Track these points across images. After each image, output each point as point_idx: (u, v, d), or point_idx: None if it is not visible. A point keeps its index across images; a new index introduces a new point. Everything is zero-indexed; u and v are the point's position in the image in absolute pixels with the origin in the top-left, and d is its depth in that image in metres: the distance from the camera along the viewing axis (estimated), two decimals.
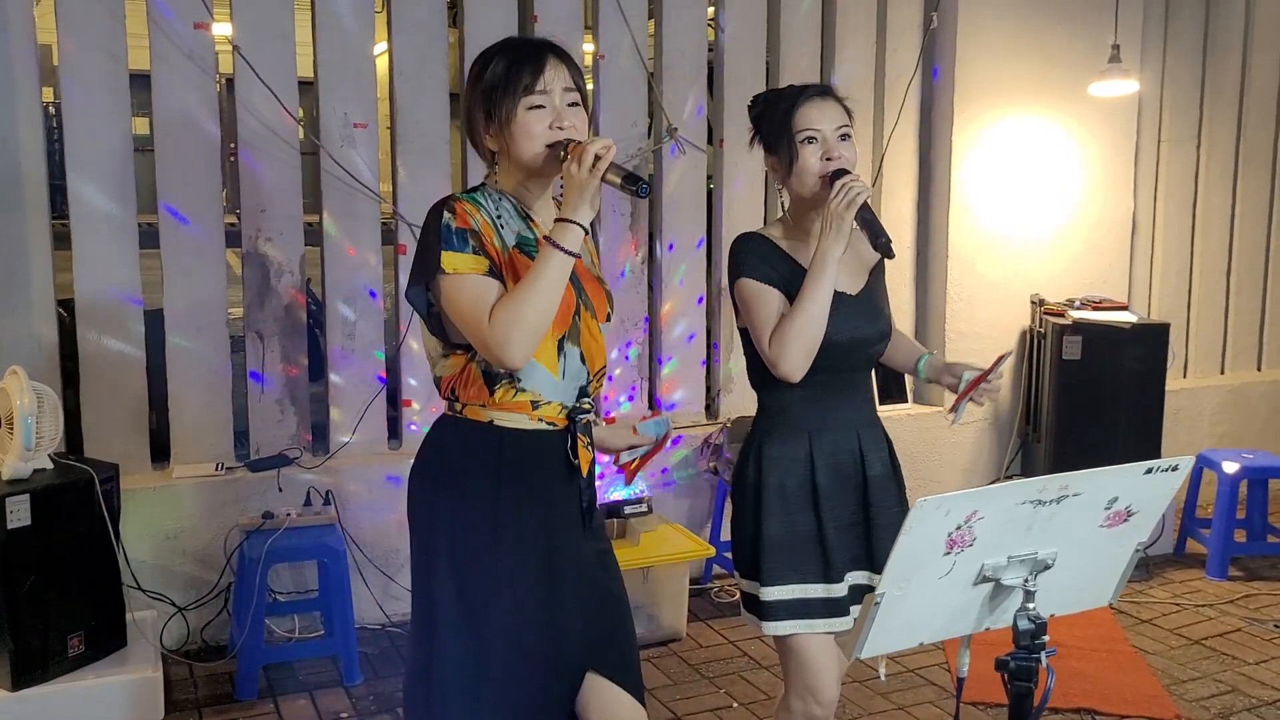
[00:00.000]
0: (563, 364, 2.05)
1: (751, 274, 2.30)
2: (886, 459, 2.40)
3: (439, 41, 4.07)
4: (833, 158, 2.25)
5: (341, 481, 3.95)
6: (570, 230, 1.94)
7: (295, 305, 3.99)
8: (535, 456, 2.06)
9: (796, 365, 2.22)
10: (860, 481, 2.34)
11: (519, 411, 2.05)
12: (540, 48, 2.06)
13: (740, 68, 4.59)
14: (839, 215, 2.17)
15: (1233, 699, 3.64)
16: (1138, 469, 1.57)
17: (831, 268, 2.20)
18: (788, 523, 2.31)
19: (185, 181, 3.79)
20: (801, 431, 2.33)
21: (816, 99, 2.29)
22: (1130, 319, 4.83)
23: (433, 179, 4.11)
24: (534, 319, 1.93)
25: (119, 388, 3.78)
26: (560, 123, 2.01)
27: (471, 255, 1.98)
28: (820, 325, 2.22)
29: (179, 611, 3.77)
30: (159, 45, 3.70)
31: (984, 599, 1.59)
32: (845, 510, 2.33)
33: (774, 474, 2.32)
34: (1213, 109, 5.71)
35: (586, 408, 2.10)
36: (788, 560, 2.30)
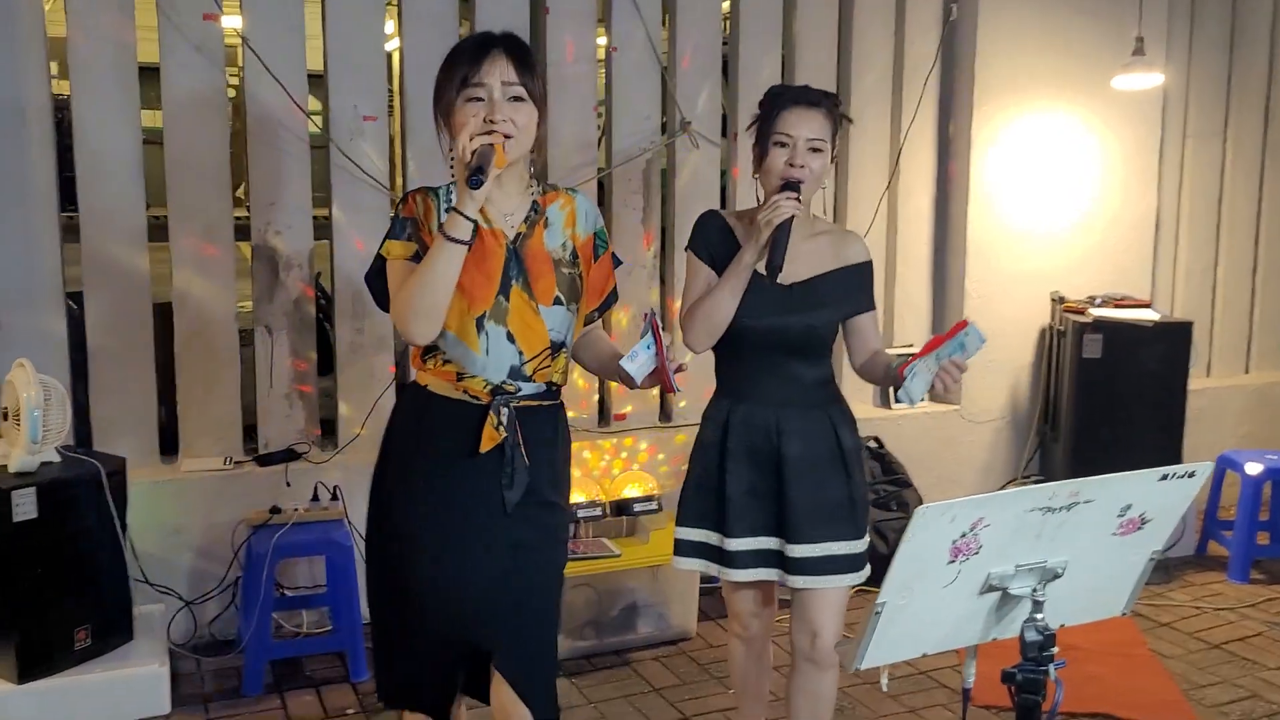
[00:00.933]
0: (484, 342, 2.18)
1: (692, 247, 2.57)
2: (820, 443, 2.53)
3: (450, 34, 4.03)
4: (795, 164, 2.40)
5: (350, 476, 3.92)
6: (455, 219, 2.05)
7: (304, 299, 3.97)
8: (452, 423, 2.21)
9: (696, 341, 2.47)
10: (773, 456, 2.52)
11: (446, 380, 2.23)
12: (488, 43, 2.15)
13: (755, 60, 4.53)
14: (759, 228, 2.37)
15: (1252, 705, 3.57)
16: (1152, 475, 1.51)
17: (742, 270, 2.41)
18: (701, 474, 2.58)
19: (194, 174, 3.77)
20: (725, 397, 2.59)
21: (802, 107, 2.43)
22: (1153, 317, 4.75)
23: (443, 172, 4.04)
24: (424, 299, 2.07)
25: (128, 381, 3.77)
26: (493, 115, 2.09)
27: (404, 242, 2.18)
28: (721, 313, 2.42)
29: (186, 605, 3.76)
30: (168, 37, 3.68)
31: (990, 608, 1.54)
32: (756, 478, 2.53)
33: (702, 430, 2.61)
34: (1239, 103, 5.61)
35: (511, 389, 2.21)
36: (695, 507, 2.59)
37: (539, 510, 2.27)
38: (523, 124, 2.13)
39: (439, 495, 2.22)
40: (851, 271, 2.57)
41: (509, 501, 2.21)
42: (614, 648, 3.84)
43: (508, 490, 2.21)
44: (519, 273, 2.21)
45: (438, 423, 2.23)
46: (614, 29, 4.28)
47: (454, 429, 2.21)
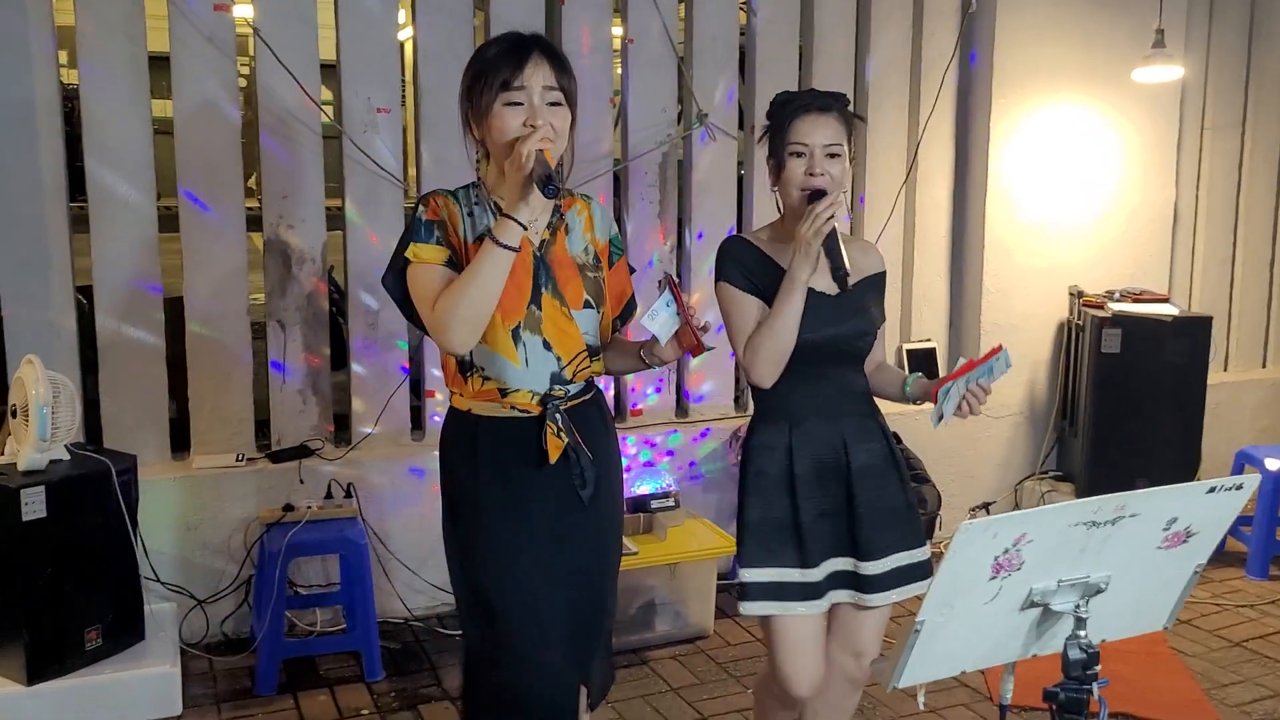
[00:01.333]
0: (523, 352, 2.15)
1: (729, 278, 2.41)
2: (877, 450, 2.45)
3: (464, 25, 3.98)
4: (815, 173, 2.31)
5: (364, 473, 3.89)
6: (508, 226, 2.02)
7: (317, 293, 3.92)
8: (508, 444, 2.17)
9: (765, 374, 2.33)
10: (843, 471, 2.41)
11: (490, 400, 2.18)
12: (527, 44, 2.12)
13: (773, 52, 4.47)
14: (807, 242, 2.25)
15: (1275, 704, 3.53)
16: (1200, 488, 1.47)
17: (799, 288, 2.29)
18: (765, 508, 2.41)
19: (206, 167, 3.72)
20: (781, 422, 2.43)
21: (814, 113, 2.34)
22: (1172, 312, 4.70)
23: (457, 164, 3.99)
24: (470, 308, 2.02)
25: (138, 377, 3.72)
26: (534, 121, 2.06)
27: (434, 246, 2.12)
28: (787, 340, 2.30)
29: (198, 605, 3.72)
30: (179, 28, 3.63)
31: (1031, 624, 1.49)
32: (825, 499, 2.40)
33: (755, 462, 2.44)
34: (1257, 95, 5.55)
35: (560, 394, 2.19)
36: (764, 544, 2.41)
37: (613, 504, 2.31)
38: (560, 128, 2.11)
39: (515, 517, 2.17)
40: (874, 280, 2.52)
41: (586, 497, 2.21)
42: (631, 646, 3.79)
43: (583, 489, 2.20)
44: (548, 279, 2.19)
45: (493, 446, 2.18)
46: (630, 20, 4.22)
47: (512, 447, 2.17)
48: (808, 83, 4.57)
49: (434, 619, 4.00)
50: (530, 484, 2.18)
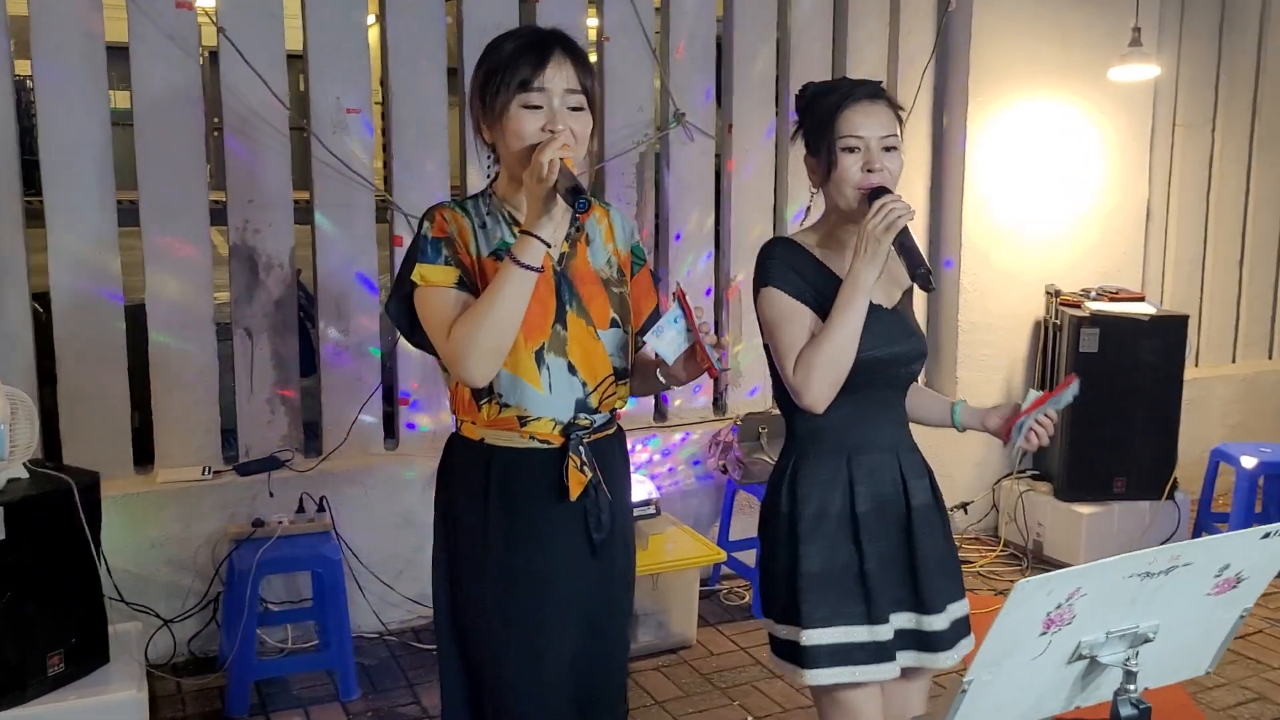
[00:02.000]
0: (546, 377, 1.96)
1: (779, 283, 2.12)
2: (929, 488, 2.20)
3: (436, 22, 3.86)
4: (874, 169, 2.06)
5: (336, 484, 3.77)
6: (530, 244, 1.85)
7: (286, 300, 3.79)
8: (524, 478, 1.99)
9: (821, 396, 2.04)
10: (903, 511, 2.13)
11: (508, 429, 1.99)
12: (548, 40, 1.93)
13: (750, 49, 4.40)
14: (875, 239, 1.99)
15: (1260, 707, 3.52)
16: (1254, 534, 1.41)
17: (864, 294, 2.02)
18: (829, 555, 2.10)
19: (167, 170, 3.58)
20: (840, 453, 2.12)
21: (865, 102, 2.07)
22: (1149, 310, 4.68)
23: (430, 166, 3.91)
24: (490, 336, 1.86)
25: (99, 388, 3.58)
26: (554, 125, 1.89)
27: (443, 266, 1.93)
28: (849, 354, 2.03)
29: (164, 624, 3.59)
30: (138, 25, 3.48)
31: (1076, 677, 1.43)
32: (887, 542, 2.12)
33: (812, 501, 2.11)
34: (1228, 93, 5.56)
35: (585, 424, 2.00)
36: (830, 599, 2.08)
37: (622, 549, 2.12)
38: (581, 134, 1.93)
39: (530, 554, 2.00)
40: (910, 293, 2.27)
41: (597, 543, 2.03)
42: None
43: (597, 533, 2.02)
44: (571, 296, 2.00)
45: (508, 480, 1.98)
46: (606, 16, 4.13)
47: (528, 483, 1.98)
48: (784, 81, 4.51)
49: (410, 633, 3.90)
50: (543, 523, 1.99)
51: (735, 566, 4.28)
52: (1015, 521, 4.85)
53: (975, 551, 4.81)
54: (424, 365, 3.96)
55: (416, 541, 3.92)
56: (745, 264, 4.50)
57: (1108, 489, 4.66)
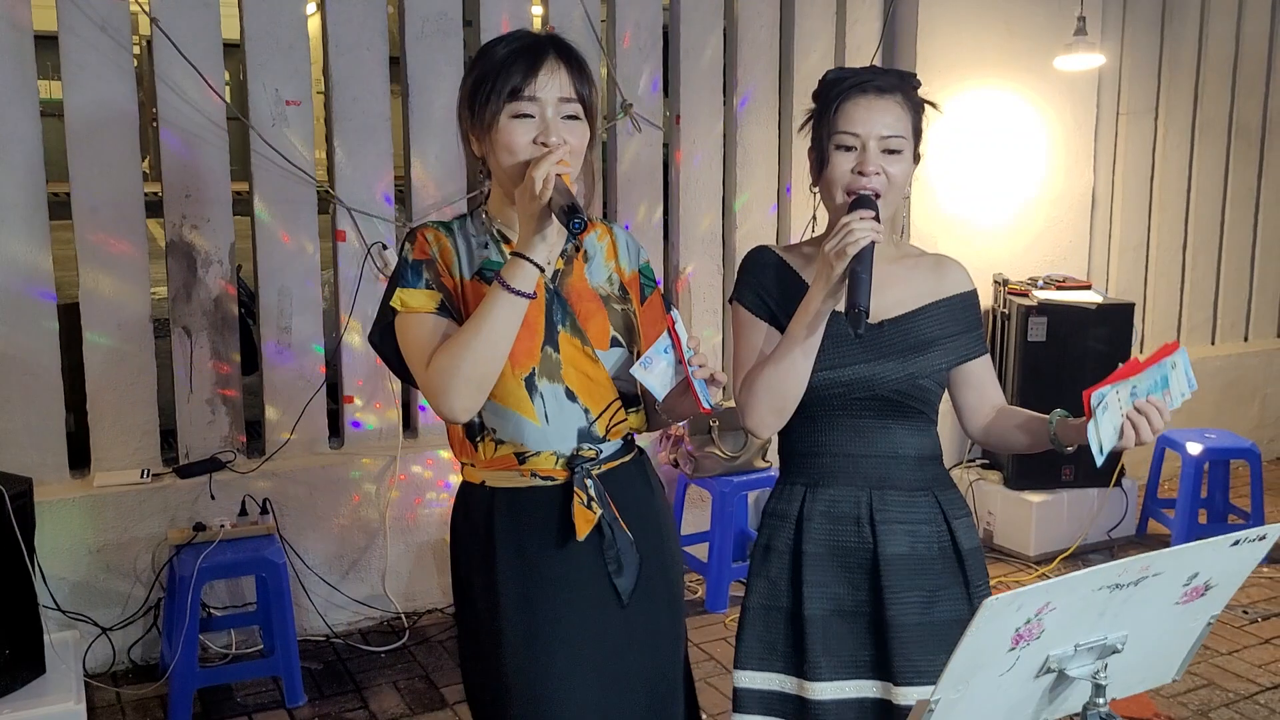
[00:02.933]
0: (540, 406, 1.79)
1: (738, 296, 1.96)
2: (926, 535, 1.90)
3: (377, 10, 3.78)
4: (866, 173, 1.84)
5: (280, 485, 3.69)
6: (521, 267, 1.68)
7: (225, 297, 3.69)
8: (528, 520, 1.81)
9: (760, 421, 1.84)
10: (867, 558, 1.88)
11: (505, 468, 1.82)
12: (542, 45, 1.78)
13: (698, 39, 4.35)
14: (828, 262, 1.76)
15: (1209, 694, 3.56)
16: (1224, 542, 1.39)
17: (809, 319, 1.79)
18: (767, 594, 1.93)
19: (101, 167, 3.47)
20: (795, 482, 1.94)
21: (869, 95, 1.86)
22: (1095, 299, 4.72)
23: (372, 159, 3.83)
24: (475, 367, 1.69)
25: (31, 390, 3.46)
26: (547, 137, 1.73)
27: (424, 291, 1.78)
28: (791, 381, 1.81)
29: (103, 633, 3.49)
30: (67, 15, 3.36)
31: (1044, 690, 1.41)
32: (843, 591, 1.89)
33: (763, 533, 1.97)
34: (1170, 80, 5.61)
35: (590, 454, 1.82)
36: (764, 640, 1.93)
37: (655, 598, 1.89)
38: (577, 146, 1.77)
39: (543, 607, 1.80)
40: (955, 304, 1.96)
41: (623, 590, 1.82)
42: None
43: (618, 578, 1.82)
44: (564, 316, 1.82)
45: (512, 524, 1.80)
46: (551, 5, 4.06)
47: (532, 524, 1.80)
48: (732, 71, 4.47)
49: (357, 635, 3.83)
50: (556, 570, 1.80)
51: (687, 561, 4.25)
52: (971, 511, 4.85)
53: None
54: (369, 363, 3.89)
55: (363, 542, 3.85)
56: (694, 256, 4.47)
57: (1056, 477, 4.69)
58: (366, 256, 3.81)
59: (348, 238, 3.81)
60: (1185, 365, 1.75)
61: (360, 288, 3.81)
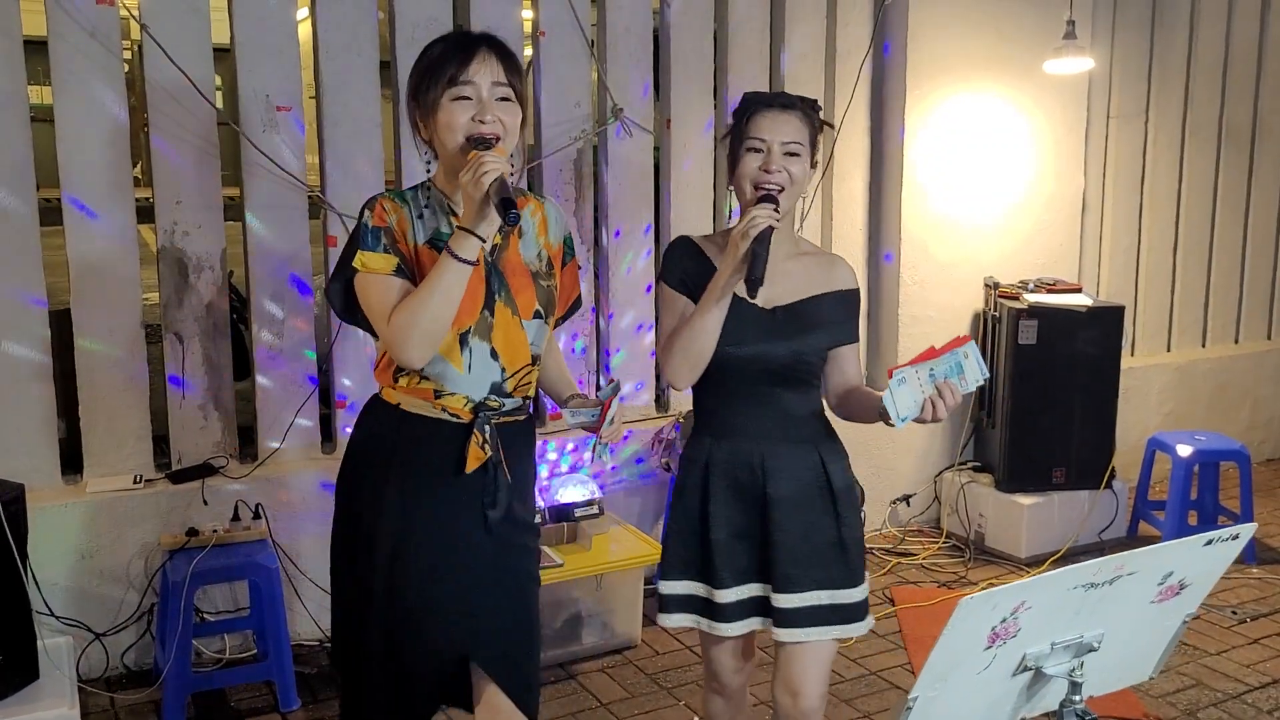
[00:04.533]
0: (467, 358, 2.10)
1: (665, 278, 2.38)
2: (807, 479, 2.35)
3: (368, 16, 3.79)
4: (770, 170, 2.23)
5: (272, 490, 3.70)
6: (467, 240, 1.97)
7: (217, 302, 3.70)
8: (430, 444, 2.12)
9: (678, 377, 2.27)
10: (759, 496, 2.33)
11: (422, 398, 2.13)
12: (475, 39, 2.07)
13: (688, 44, 4.37)
14: (735, 243, 2.16)
15: (1198, 694, 3.58)
16: (1198, 541, 1.41)
17: (718, 291, 2.20)
18: (683, 520, 2.39)
19: (91, 172, 3.47)
20: (705, 435, 2.39)
21: (775, 110, 2.27)
22: (1086, 302, 4.73)
23: (363, 162, 3.84)
24: (428, 323, 1.99)
25: (23, 396, 3.47)
26: (483, 116, 2.02)
27: (382, 254, 2.05)
28: (702, 343, 2.22)
29: (96, 638, 3.49)
30: (56, 21, 3.37)
31: (1022, 688, 1.43)
32: (740, 520, 2.35)
33: (680, 473, 2.42)
34: (1160, 84, 5.63)
35: (494, 405, 2.14)
36: (680, 557, 2.39)
37: (517, 527, 2.23)
38: (510, 125, 2.06)
39: (423, 517, 2.12)
40: (840, 297, 2.40)
41: (492, 520, 2.15)
42: (558, 660, 3.68)
43: (491, 510, 2.14)
44: (500, 286, 2.13)
45: (414, 442, 2.13)
46: (542, 11, 4.07)
47: (432, 448, 2.12)
48: (723, 75, 4.49)
49: None
50: (440, 492, 2.13)
51: None
52: (957, 513, 4.88)
53: (918, 543, 4.84)
54: (361, 367, 3.89)
55: None
56: None
57: (1047, 479, 4.71)
58: None
59: (339, 242, 3.82)
60: (976, 356, 2.09)
61: None
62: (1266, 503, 5.37)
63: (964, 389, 2.10)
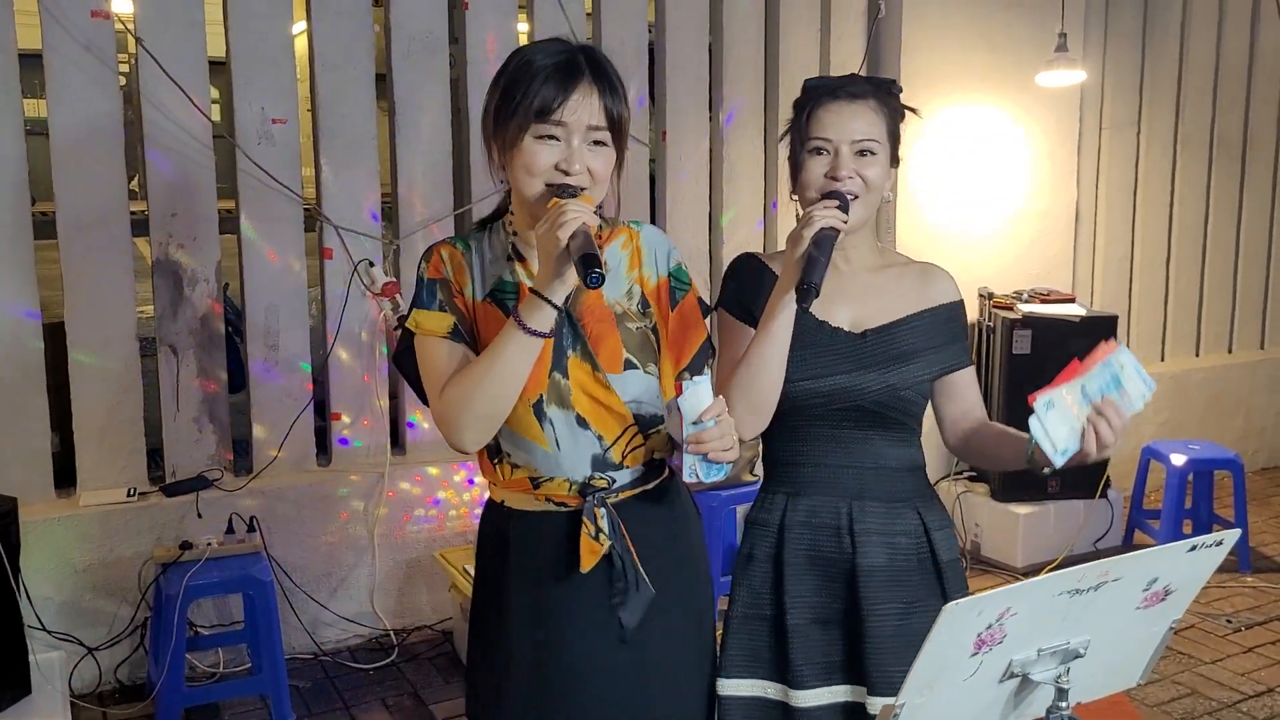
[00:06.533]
0: (550, 432, 1.73)
1: (722, 303, 1.98)
2: (904, 547, 1.91)
3: (364, 29, 3.79)
4: (839, 177, 1.83)
5: (267, 503, 3.69)
6: (540, 308, 1.62)
7: (212, 315, 3.70)
8: (539, 541, 1.78)
9: (741, 424, 1.77)
10: (847, 569, 1.89)
11: (522, 491, 1.79)
12: (578, 67, 1.69)
13: (682, 57, 4.38)
14: (792, 244, 1.76)
15: (1193, 702, 3.57)
16: (1182, 547, 1.41)
17: (779, 308, 1.79)
18: (750, 601, 1.93)
19: (86, 185, 3.47)
20: (777, 491, 1.95)
21: (841, 101, 1.86)
22: (1079, 312, 4.75)
23: (359, 176, 3.84)
24: (485, 404, 1.66)
25: (16, 410, 3.46)
26: (570, 165, 1.66)
27: (438, 312, 1.74)
28: (764, 379, 1.80)
29: (89, 652, 3.48)
30: (51, 34, 3.37)
31: (1009, 695, 1.43)
32: (822, 600, 1.89)
33: (746, 541, 1.97)
34: (1152, 94, 5.66)
35: (601, 484, 1.76)
36: (747, 649, 1.92)
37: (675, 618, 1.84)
38: (601, 172, 1.70)
39: (544, 634, 1.78)
40: (940, 314, 1.96)
41: (626, 624, 1.76)
42: None
43: (621, 611, 1.75)
44: (574, 339, 1.76)
45: (523, 544, 1.79)
46: (536, 23, 4.09)
47: (543, 547, 1.77)
48: (718, 87, 4.50)
49: (345, 652, 3.83)
50: (564, 596, 1.76)
51: None
52: (953, 523, 4.87)
53: None
54: (357, 379, 3.89)
55: (351, 559, 3.85)
56: None
57: (1042, 489, 4.71)
58: (353, 274, 3.82)
59: (334, 255, 3.82)
60: (1134, 364, 1.67)
61: (347, 305, 3.82)
62: (1261, 511, 5.38)
63: (1129, 407, 1.65)
